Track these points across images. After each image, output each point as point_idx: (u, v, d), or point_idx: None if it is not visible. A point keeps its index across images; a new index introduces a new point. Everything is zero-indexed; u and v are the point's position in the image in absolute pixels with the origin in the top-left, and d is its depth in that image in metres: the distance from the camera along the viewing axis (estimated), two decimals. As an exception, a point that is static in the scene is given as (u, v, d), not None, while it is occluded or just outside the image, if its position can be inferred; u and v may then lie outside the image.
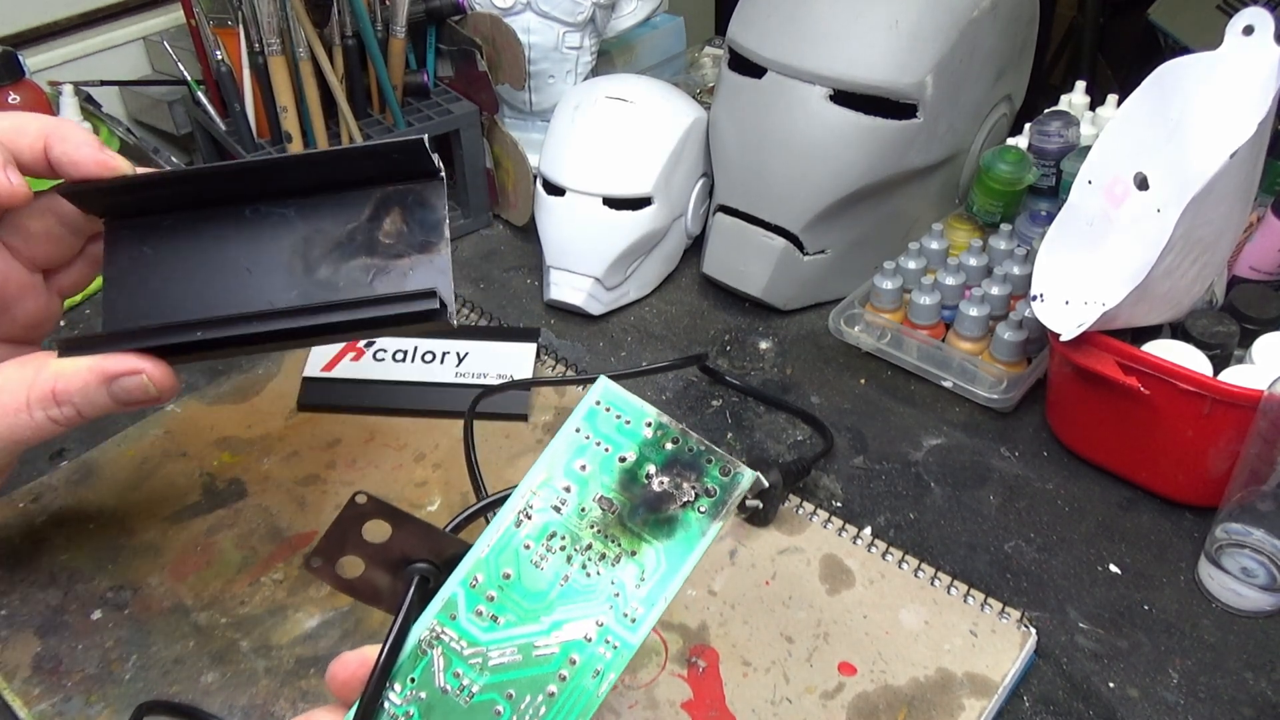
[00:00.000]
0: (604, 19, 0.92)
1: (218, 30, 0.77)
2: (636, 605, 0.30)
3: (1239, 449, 0.54)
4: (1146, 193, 0.60)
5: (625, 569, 0.30)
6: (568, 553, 0.31)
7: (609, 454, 0.33)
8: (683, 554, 0.30)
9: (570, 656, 0.30)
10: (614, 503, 0.32)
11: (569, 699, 0.29)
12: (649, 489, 0.32)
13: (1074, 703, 0.52)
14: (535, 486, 0.32)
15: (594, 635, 0.30)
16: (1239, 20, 0.54)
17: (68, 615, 0.57)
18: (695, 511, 0.31)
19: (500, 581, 0.31)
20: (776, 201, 0.75)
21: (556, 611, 0.30)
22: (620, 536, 0.31)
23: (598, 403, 0.34)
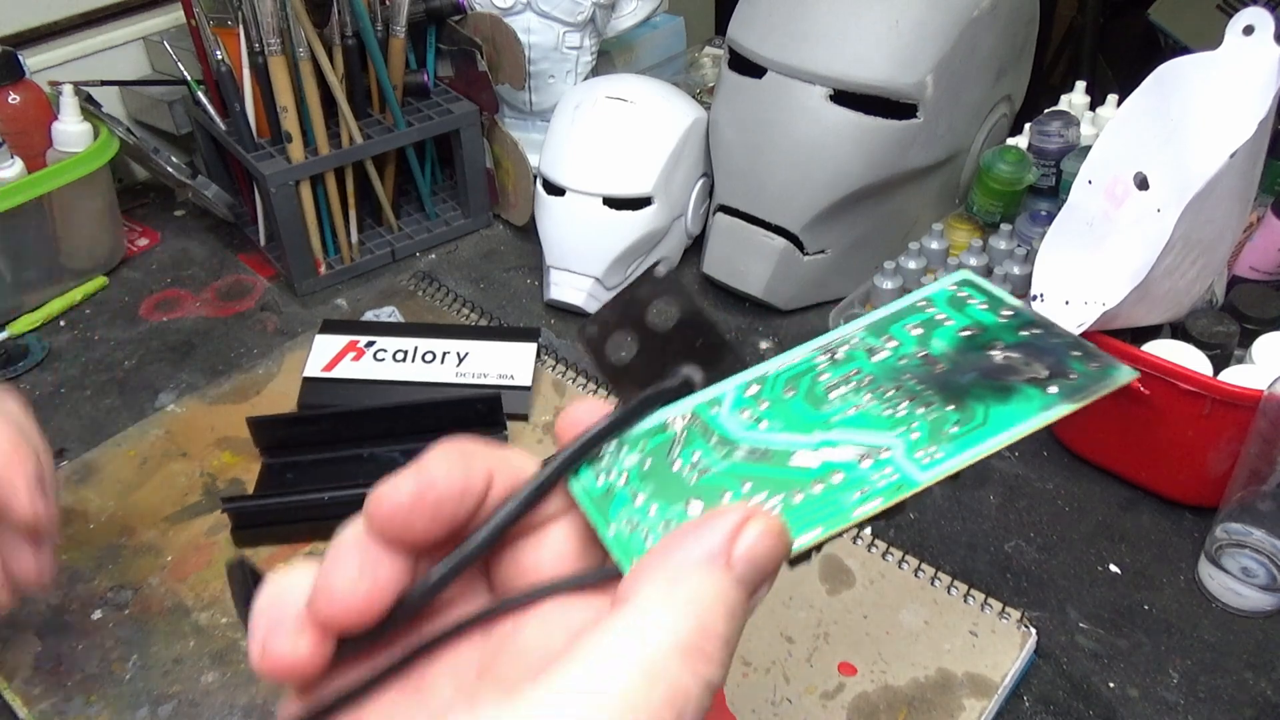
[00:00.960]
0: (604, 19, 0.92)
1: (218, 30, 0.77)
2: (936, 449, 0.24)
3: (1239, 449, 0.54)
4: (1146, 193, 0.60)
5: (934, 415, 0.25)
6: (868, 390, 0.26)
7: (950, 325, 0.27)
8: (1012, 419, 0.24)
9: (833, 473, 0.24)
10: (940, 361, 0.26)
11: (814, 506, 0.23)
12: (990, 359, 0.26)
13: (1074, 703, 0.52)
14: (851, 332, 0.28)
15: (870, 461, 0.24)
16: (1239, 20, 0.54)
17: (68, 615, 0.57)
18: (1042, 389, 0.24)
19: (779, 395, 0.27)
20: (776, 201, 0.75)
21: (834, 431, 0.25)
22: (940, 390, 0.25)
23: (955, 286, 0.28)
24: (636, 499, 0.25)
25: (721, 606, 0.21)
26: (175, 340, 0.79)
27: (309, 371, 0.71)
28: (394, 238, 0.89)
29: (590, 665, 0.20)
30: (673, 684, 0.19)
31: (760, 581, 0.22)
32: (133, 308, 0.83)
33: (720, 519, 0.22)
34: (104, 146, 0.81)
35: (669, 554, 0.22)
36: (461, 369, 0.71)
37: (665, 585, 0.21)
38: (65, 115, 0.80)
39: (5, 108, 0.79)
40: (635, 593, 0.21)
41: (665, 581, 0.21)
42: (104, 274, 0.86)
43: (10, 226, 0.77)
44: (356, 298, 0.83)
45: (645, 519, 0.24)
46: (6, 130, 0.78)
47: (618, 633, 0.20)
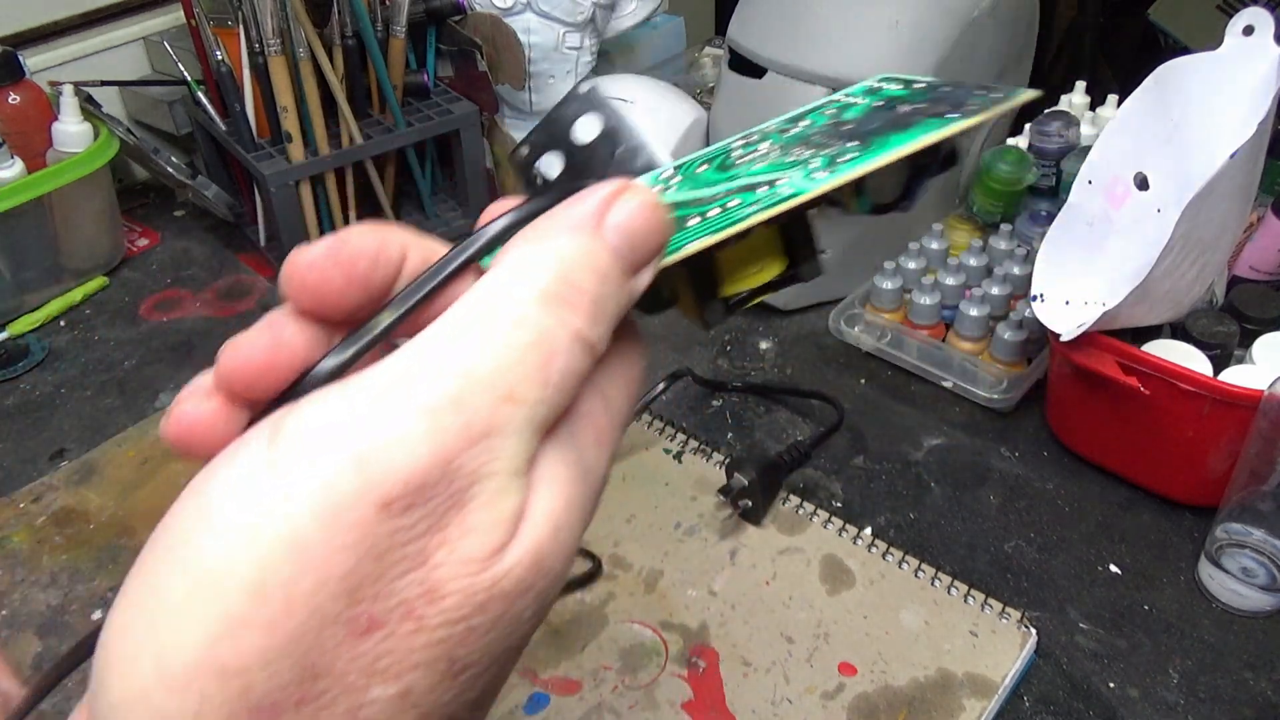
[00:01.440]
0: (604, 19, 0.92)
1: (218, 30, 0.77)
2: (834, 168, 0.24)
3: (1239, 449, 0.54)
4: (1146, 193, 0.60)
5: (834, 150, 0.25)
6: (776, 153, 0.26)
7: (863, 104, 0.28)
8: (913, 135, 0.24)
9: (728, 203, 0.24)
10: (848, 123, 0.27)
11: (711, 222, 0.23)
12: (896, 113, 0.26)
13: (1074, 703, 0.52)
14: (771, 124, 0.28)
15: (767, 188, 0.24)
16: (1239, 20, 0.54)
17: (68, 615, 0.57)
18: (940, 117, 0.25)
19: (693, 171, 0.27)
20: (776, 201, 0.75)
21: (738, 181, 0.25)
22: (842, 139, 0.26)
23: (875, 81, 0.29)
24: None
25: (588, 263, 0.20)
26: (175, 340, 0.79)
27: (309, 371, 0.71)
28: (394, 238, 0.88)
29: (456, 319, 0.19)
30: (538, 328, 0.19)
31: (638, 258, 0.21)
32: (133, 308, 0.83)
33: (593, 191, 0.21)
34: (104, 147, 0.81)
35: (539, 223, 0.21)
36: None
37: (529, 244, 0.21)
38: (65, 115, 0.80)
39: (5, 108, 0.79)
40: (502, 257, 0.21)
41: (530, 242, 0.21)
42: (104, 274, 0.86)
43: (10, 226, 0.77)
44: (356, 298, 0.83)
45: None
46: (6, 130, 0.78)
47: (482, 288, 0.20)
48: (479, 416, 0.18)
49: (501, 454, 0.18)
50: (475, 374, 0.18)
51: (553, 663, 0.53)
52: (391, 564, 0.17)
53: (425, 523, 0.18)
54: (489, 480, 0.18)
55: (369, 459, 0.17)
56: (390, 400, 0.18)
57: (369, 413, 0.18)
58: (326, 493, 0.17)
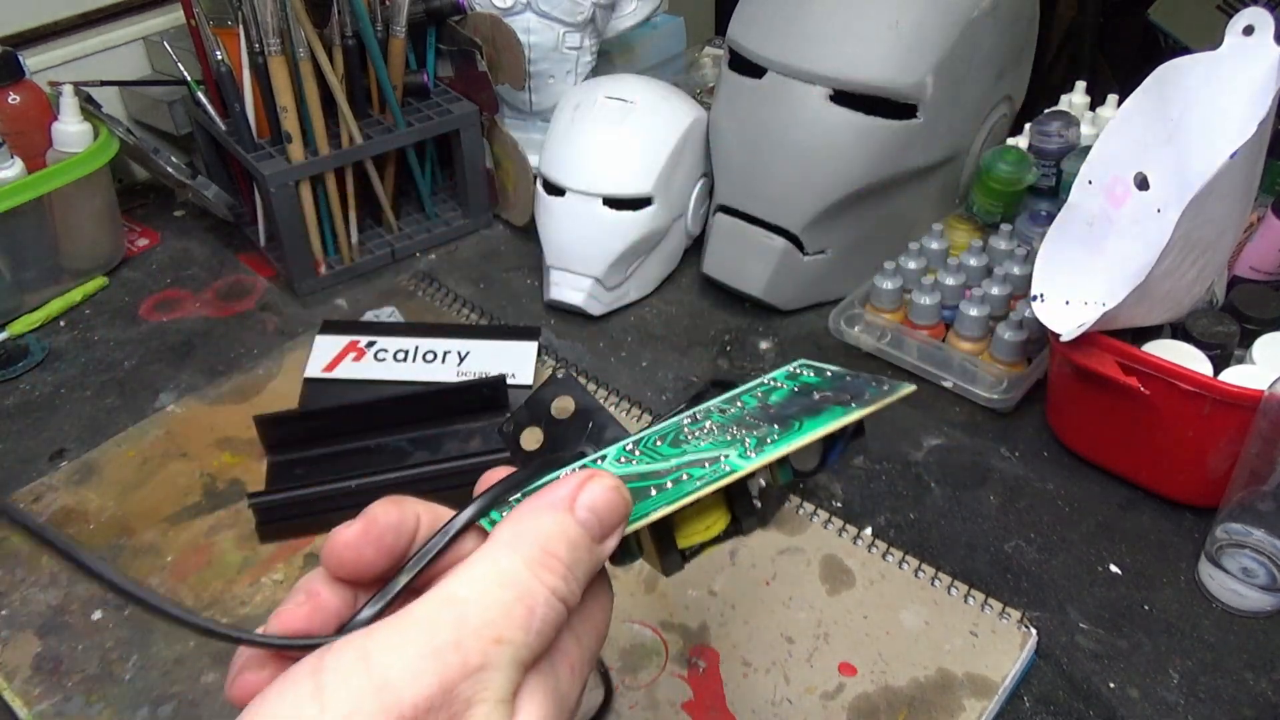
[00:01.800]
0: (604, 19, 0.92)
1: (218, 30, 0.77)
2: (761, 449, 0.31)
3: (1239, 449, 0.54)
4: (1146, 193, 0.60)
5: (763, 432, 0.32)
6: (717, 432, 0.33)
7: (784, 389, 0.35)
8: (822, 423, 0.32)
9: (681, 475, 0.31)
10: (773, 408, 0.34)
11: (664, 494, 0.30)
12: (811, 399, 0.34)
13: (1074, 703, 0.52)
14: (708, 405, 0.35)
15: (710, 465, 0.31)
16: (1239, 20, 0.54)
17: (68, 615, 0.57)
18: (845, 406, 0.33)
19: (651, 446, 0.33)
20: (776, 201, 0.75)
21: (686, 456, 0.32)
22: (770, 421, 0.33)
23: (794, 368, 0.37)
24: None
25: (562, 536, 0.26)
26: (175, 340, 0.79)
27: (310, 372, 0.71)
28: (394, 238, 0.89)
29: (455, 583, 0.25)
30: (521, 586, 0.25)
31: (605, 529, 0.27)
32: (133, 308, 0.83)
33: (568, 478, 0.28)
34: (104, 147, 0.81)
35: (524, 506, 0.27)
36: (463, 368, 0.71)
37: (514, 524, 0.27)
38: (65, 115, 0.80)
39: (5, 108, 0.79)
40: (493, 537, 0.27)
41: (514, 522, 0.27)
42: (104, 274, 0.86)
43: (10, 227, 0.77)
44: (356, 298, 0.83)
45: None
46: (6, 130, 0.78)
47: (475, 560, 0.26)
48: (473, 655, 0.24)
49: (491, 684, 0.24)
50: (471, 623, 0.24)
51: (553, 663, 0.53)
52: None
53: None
54: (481, 705, 0.23)
55: (388, 688, 0.23)
56: (405, 643, 0.23)
57: (389, 653, 0.23)
58: (355, 713, 0.22)
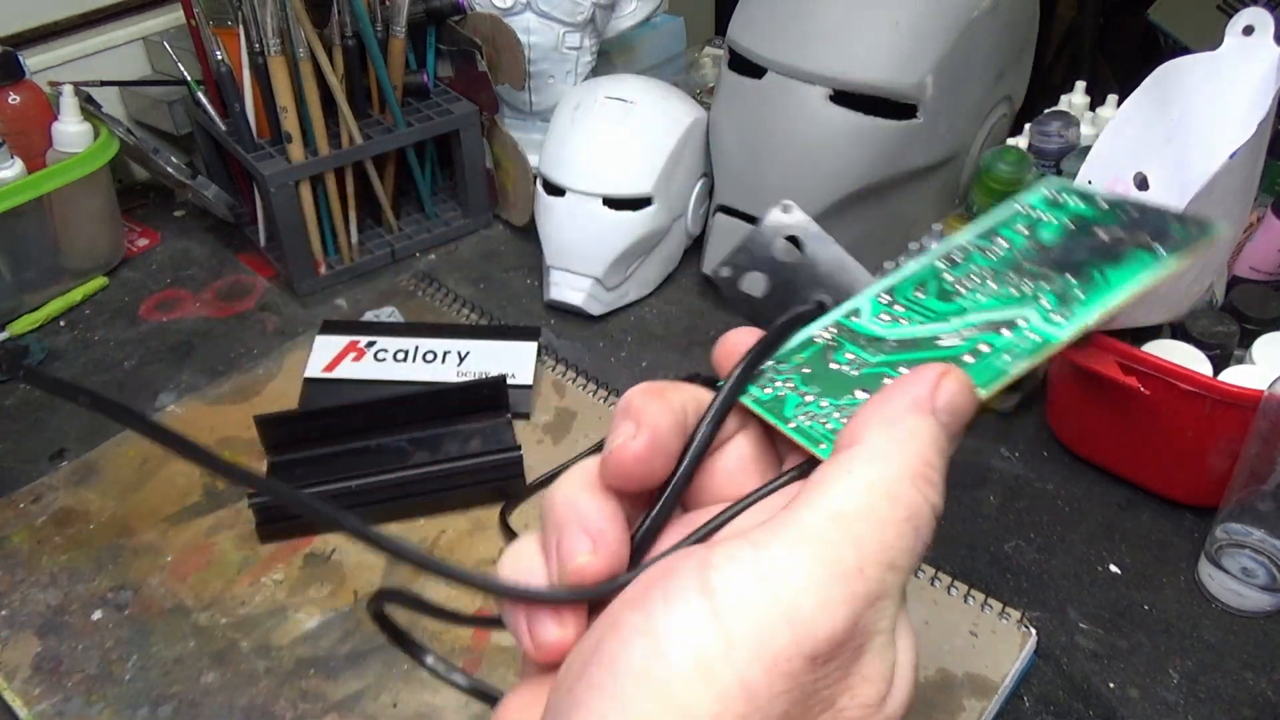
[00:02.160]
0: (604, 19, 0.92)
1: (218, 30, 0.77)
2: (1067, 310, 0.26)
3: (1239, 449, 0.54)
4: (1146, 193, 0.60)
5: (1058, 286, 0.27)
6: (992, 280, 0.28)
7: (1054, 223, 0.29)
8: (1129, 275, 0.26)
9: (978, 346, 0.26)
10: (1051, 249, 0.28)
11: (975, 371, 0.26)
12: (1098, 238, 0.28)
13: (1074, 703, 0.52)
14: (964, 241, 0.30)
15: (1010, 330, 0.26)
16: (1239, 20, 0.54)
17: (68, 615, 0.57)
18: (1150, 250, 0.27)
19: (911, 296, 0.29)
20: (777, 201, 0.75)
21: (970, 315, 0.27)
22: (1058, 268, 0.28)
23: (1051, 191, 0.30)
24: (806, 398, 0.27)
25: (934, 444, 0.24)
26: (175, 340, 0.79)
27: (310, 372, 0.71)
28: (394, 238, 0.89)
29: (838, 496, 0.23)
30: (910, 503, 0.23)
31: (957, 426, 0.25)
32: (133, 308, 0.83)
33: (921, 374, 0.25)
34: (104, 147, 0.81)
35: (883, 405, 0.25)
36: (463, 368, 0.71)
37: (886, 427, 0.24)
38: (65, 115, 0.80)
39: (5, 108, 0.79)
40: (862, 436, 0.24)
41: (885, 424, 0.24)
42: (104, 274, 0.86)
43: (10, 227, 0.77)
44: (356, 298, 0.83)
45: (819, 410, 0.27)
46: (6, 130, 0.78)
47: (854, 468, 0.23)
48: (875, 583, 0.22)
49: (886, 614, 0.22)
50: (869, 545, 0.22)
51: (553, 663, 0.53)
52: (811, 706, 0.21)
53: (838, 672, 0.21)
54: (878, 636, 0.22)
55: (800, 619, 0.21)
56: (808, 565, 0.21)
57: (792, 574, 0.21)
58: (768, 646, 0.20)
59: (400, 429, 0.65)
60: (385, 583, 0.58)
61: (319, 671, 0.54)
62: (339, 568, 0.59)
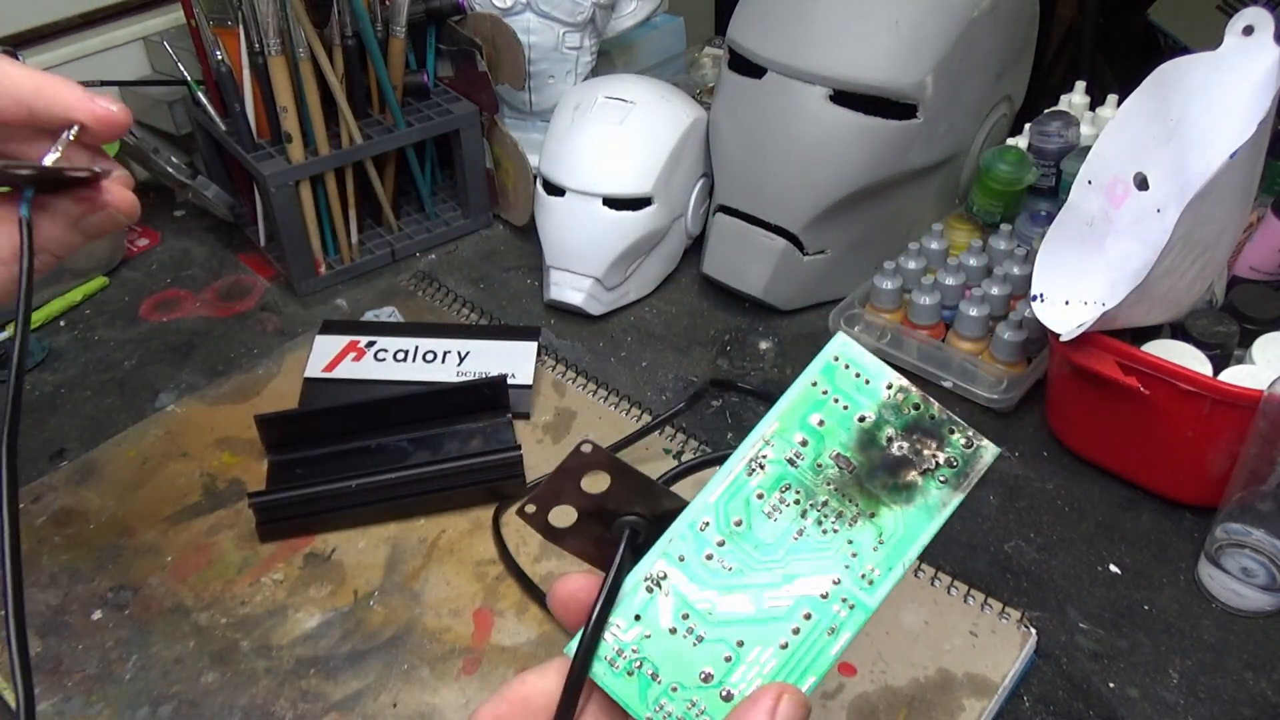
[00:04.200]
0: (604, 19, 0.92)
1: (218, 30, 0.77)
2: (873, 568, 0.29)
3: (1239, 449, 0.54)
4: (1146, 193, 0.60)
5: (862, 530, 0.30)
6: (802, 507, 0.30)
7: (847, 411, 0.31)
8: (922, 523, 0.29)
9: (804, 611, 0.29)
10: (852, 462, 0.31)
11: (802, 653, 0.29)
12: (888, 452, 0.30)
13: (1074, 703, 0.52)
14: (768, 436, 0.31)
15: (829, 592, 0.29)
16: (1239, 20, 0.54)
17: (68, 615, 0.57)
18: (935, 481, 0.30)
19: (730, 528, 0.30)
20: (776, 201, 0.75)
21: (789, 565, 0.29)
22: (858, 497, 0.30)
23: (835, 358, 0.32)
24: (657, 681, 0.29)
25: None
26: (175, 340, 0.79)
27: (310, 372, 0.71)
28: (394, 238, 0.89)
29: None
30: None
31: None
32: (133, 308, 0.83)
33: (757, 707, 0.28)
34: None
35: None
36: (463, 368, 0.71)
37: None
38: (65, 115, 0.80)
39: (5, 108, 0.79)
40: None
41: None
42: (104, 274, 0.86)
43: (10, 226, 0.77)
44: (356, 298, 0.83)
45: (671, 698, 0.29)
46: (6, 130, 0.78)
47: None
48: None
49: None
50: None
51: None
52: None
53: None
54: None
55: None
56: None
57: None
58: None
59: (400, 429, 0.65)
60: (385, 582, 0.58)
61: (319, 671, 0.54)
62: (339, 567, 0.59)
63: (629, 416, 0.69)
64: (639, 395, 0.71)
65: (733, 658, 0.29)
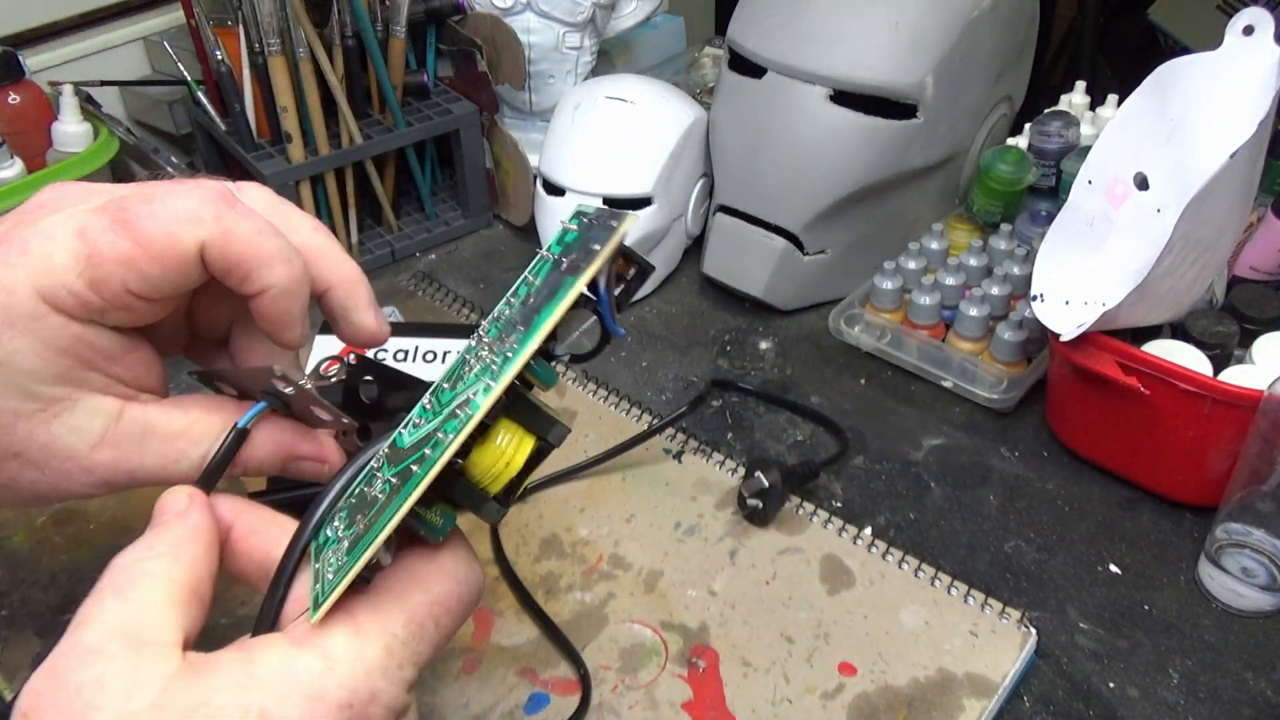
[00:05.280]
0: (604, 19, 0.92)
1: (218, 30, 0.77)
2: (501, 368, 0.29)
3: (1239, 449, 0.54)
4: (1146, 193, 0.60)
5: (509, 345, 0.29)
6: (488, 352, 0.31)
7: (549, 260, 0.32)
8: (550, 309, 0.29)
9: (440, 435, 0.29)
10: (531, 295, 0.31)
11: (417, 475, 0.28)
12: (558, 270, 0.30)
13: (1074, 703, 0.52)
14: (500, 307, 0.33)
15: (461, 409, 0.29)
16: (1239, 20, 0.54)
17: (68, 615, 0.56)
18: (574, 274, 0.29)
19: (438, 392, 0.32)
20: (776, 201, 0.75)
21: (454, 401, 0.30)
22: (522, 322, 0.30)
23: (563, 223, 0.33)
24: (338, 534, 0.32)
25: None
26: (175, 340, 0.79)
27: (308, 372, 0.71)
28: (394, 238, 0.89)
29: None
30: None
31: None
32: (133, 308, 0.83)
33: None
34: (104, 146, 0.81)
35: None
36: (461, 369, 0.71)
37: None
38: (65, 115, 0.80)
39: (5, 108, 0.79)
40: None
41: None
42: (104, 274, 0.85)
43: (10, 226, 0.77)
44: (356, 298, 0.83)
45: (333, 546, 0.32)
46: (6, 130, 0.78)
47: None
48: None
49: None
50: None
51: (553, 663, 0.53)
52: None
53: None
54: None
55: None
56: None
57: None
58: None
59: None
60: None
61: (319, 671, 0.53)
62: (339, 568, 0.59)
63: (629, 416, 0.69)
64: (639, 395, 0.71)
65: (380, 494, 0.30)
